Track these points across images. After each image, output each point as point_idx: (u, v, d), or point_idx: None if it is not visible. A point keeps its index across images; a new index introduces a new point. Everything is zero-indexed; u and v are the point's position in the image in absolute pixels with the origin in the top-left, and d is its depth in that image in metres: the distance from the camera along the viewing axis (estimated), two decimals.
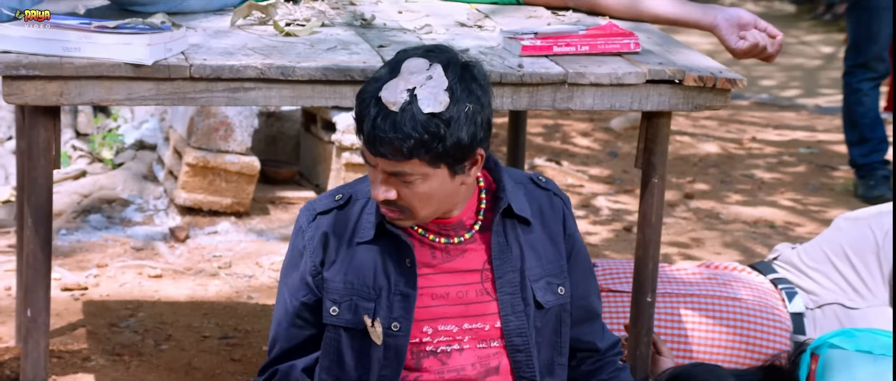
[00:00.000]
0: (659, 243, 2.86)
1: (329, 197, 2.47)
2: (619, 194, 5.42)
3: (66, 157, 5.08)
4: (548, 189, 2.52)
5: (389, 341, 2.39)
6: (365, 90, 2.29)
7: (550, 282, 2.47)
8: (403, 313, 2.39)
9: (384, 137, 2.24)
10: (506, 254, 2.43)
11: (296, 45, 2.69)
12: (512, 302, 2.43)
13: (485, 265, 2.43)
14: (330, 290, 2.41)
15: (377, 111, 2.24)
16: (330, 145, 4.92)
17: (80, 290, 4.04)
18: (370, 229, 2.40)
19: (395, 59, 2.32)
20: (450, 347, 2.43)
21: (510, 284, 2.43)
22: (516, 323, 2.43)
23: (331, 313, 2.41)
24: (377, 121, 2.24)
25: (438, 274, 2.41)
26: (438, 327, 2.42)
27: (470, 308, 2.43)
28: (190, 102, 2.55)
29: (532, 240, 2.46)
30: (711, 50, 8.20)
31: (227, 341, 3.75)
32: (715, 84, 2.70)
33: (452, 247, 2.41)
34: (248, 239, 4.57)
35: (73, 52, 2.47)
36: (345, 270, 2.41)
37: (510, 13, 3.10)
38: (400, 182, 2.29)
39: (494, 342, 2.45)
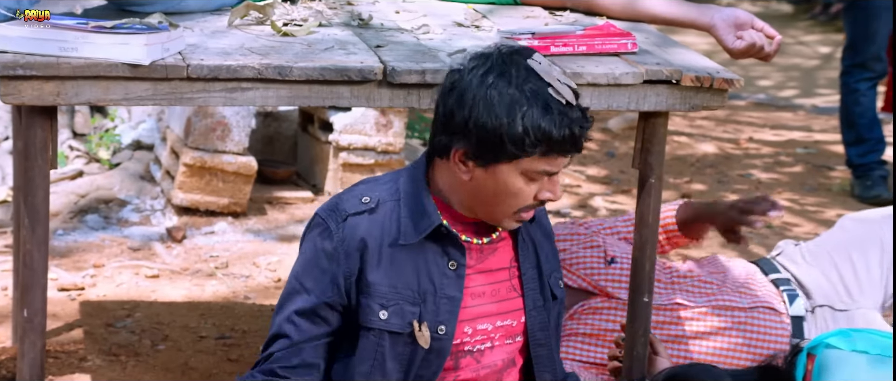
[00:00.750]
0: (656, 243, 2.86)
1: (354, 199, 2.44)
2: (617, 194, 5.42)
3: (63, 157, 5.08)
4: None
5: (434, 344, 2.41)
6: (524, 112, 2.29)
7: (556, 275, 2.56)
8: (449, 316, 2.41)
9: (587, 125, 2.36)
10: (526, 250, 2.50)
11: (293, 45, 2.69)
12: (534, 297, 2.50)
13: (512, 263, 2.49)
14: (376, 294, 2.39)
15: (570, 113, 2.32)
16: (327, 146, 4.92)
17: (77, 290, 4.04)
18: (416, 233, 2.40)
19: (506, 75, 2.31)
20: (483, 345, 2.47)
21: (533, 280, 2.50)
22: (539, 318, 2.50)
23: (380, 318, 2.40)
24: (578, 118, 2.33)
25: (476, 274, 2.45)
26: (477, 326, 2.46)
27: (502, 306, 2.48)
28: (187, 102, 2.55)
29: (537, 236, 2.54)
30: (709, 50, 8.21)
31: (224, 341, 3.75)
32: (712, 84, 2.70)
33: (486, 246, 2.46)
34: (245, 239, 4.57)
35: (71, 52, 2.47)
36: (388, 274, 2.40)
37: (507, 13, 3.10)
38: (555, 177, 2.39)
39: (518, 337, 2.50)
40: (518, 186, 2.34)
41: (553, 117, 2.30)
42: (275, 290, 4.14)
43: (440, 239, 2.42)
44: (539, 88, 2.30)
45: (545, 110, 2.30)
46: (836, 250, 3.37)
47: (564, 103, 2.31)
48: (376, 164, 4.88)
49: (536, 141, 2.30)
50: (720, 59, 3.82)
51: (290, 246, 4.48)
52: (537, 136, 2.29)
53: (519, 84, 2.31)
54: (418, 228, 2.40)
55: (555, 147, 2.31)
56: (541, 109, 2.30)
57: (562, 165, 2.36)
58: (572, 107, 2.32)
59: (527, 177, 2.34)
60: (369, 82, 2.59)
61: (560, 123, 2.30)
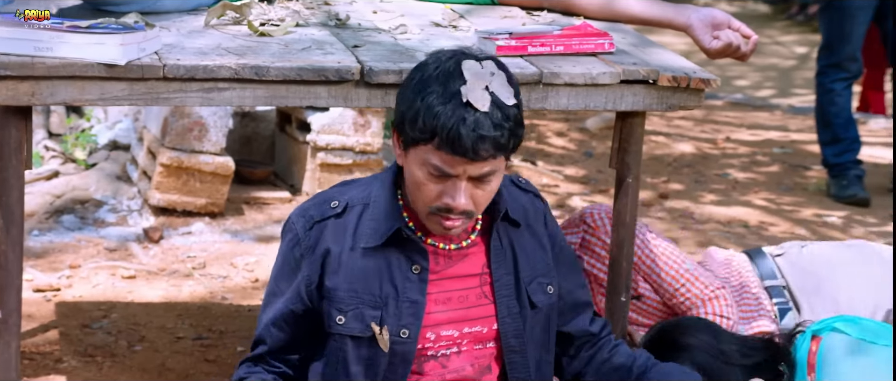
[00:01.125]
0: (633, 243, 2.87)
1: (324, 204, 2.44)
2: (594, 194, 5.43)
3: (38, 157, 5.06)
4: (528, 191, 2.55)
5: (397, 347, 2.40)
6: (433, 104, 2.25)
7: (541, 282, 2.49)
8: (412, 320, 2.40)
9: (488, 136, 2.25)
10: (501, 257, 2.46)
11: (270, 45, 2.69)
12: (508, 304, 2.46)
13: (484, 269, 2.45)
14: (334, 299, 2.40)
15: (473, 116, 2.25)
16: (305, 146, 4.91)
17: (53, 291, 4.02)
18: (377, 236, 2.39)
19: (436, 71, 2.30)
20: (449, 350, 2.44)
21: (506, 287, 2.46)
22: (513, 326, 2.46)
23: (337, 323, 2.40)
24: (478, 125, 2.24)
25: (442, 280, 2.43)
26: (441, 332, 2.43)
27: (470, 312, 2.45)
28: (163, 102, 2.54)
29: (522, 241, 2.49)
30: (686, 50, 8.23)
31: (201, 342, 3.74)
32: (689, 84, 2.70)
33: (455, 252, 2.43)
34: (222, 240, 4.56)
35: (46, 51, 2.46)
36: (349, 278, 2.39)
37: (485, 13, 3.10)
38: (476, 185, 2.31)
39: (490, 343, 2.47)
40: (420, 177, 2.31)
41: (448, 110, 2.25)
42: (252, 290, 4.13)
43: (404, 243, 2.40)
44: (460, 84, 2.27)
45: (445, 102, 2.25)
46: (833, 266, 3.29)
47: (466, 103, 2.24)
48: (354, 164, 4.87)
49: (425, 127, 2.26)
50: (697, 59, 3.83)
51: (268, 246, 4.47)
52: (427, 121, 2.25)
53: (446, 76, 2.28)
54: (380, 231, 2.39)
55: (445, 143, 2.25)
56: (443, 99, 2.26)
57: (460, 170, 2.27)
58: (481, 113, 2.24)
59: (427, 170, 2.30)
60: (347, 82, 2.58)
61: (452, 117, 2.24)
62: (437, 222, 2.34)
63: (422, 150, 2.29)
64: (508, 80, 2.31)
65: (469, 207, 2.32)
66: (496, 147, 2.26)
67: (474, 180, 2.30)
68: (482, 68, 2.29)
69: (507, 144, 2.28)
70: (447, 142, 2.25)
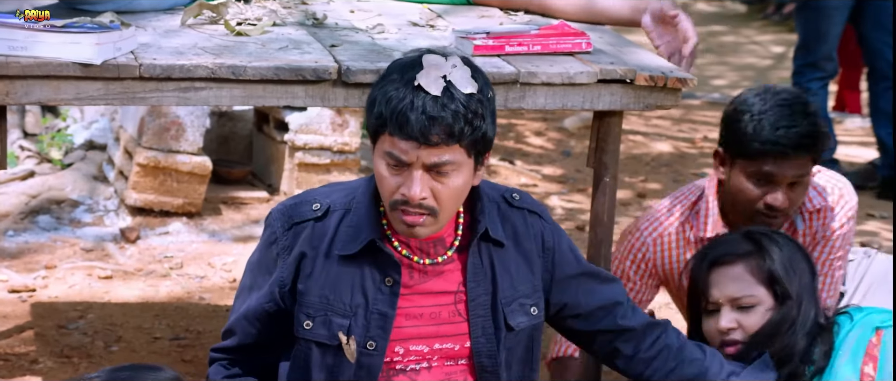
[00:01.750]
0: (611, 241, 2.87)
1: (306, 205, 2.41)
2: (573, 193, 5.44)
3: (13, 157, 5.03)
4: (521, 208, 2.48)
5: (363, 359, 2.36)
6: (389, 90, 2.25)
7: (523, 304, 2.44)
8: (380, 333, 2.36)
9: (438, 117, 2.21)
10: (479, 277, 2.41)
11: (247, 44, 2.68)
12: (483, 325, 2.41)
13: (459, 287, 2.40)
14: (304, 303, 2.37)
15: (422, 98, 2.22)
16: (282, 145, 4.90)
17: (28, 292, 4.00)
18: (353, 244, 2.35)
19: (398, 64, 2.30)
20: (419, 365, 2.41)
21: (483, 307, 2.41)
22: (487, 346, 2.41)
23: (304, 327, 2.37)
24: (426, 106, 2.22)
25: (414, 295, 2.39)
26: (410, 347, 2.39)
27: (441, 329, 2.40)
28: (140, 101, 2.53)
29: (505, 261, 2.43)
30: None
31: (178, 342, 3.72)
32: (666, 83, 2.71)
33: (430, 267, 2.38)
34: (199, 240, 4.55)
35: (20, 51, 2.45)
36: (321, 284, 2.36)
37: (463, 13, 3.10)
38: (434, 177, 2.26)
39: (462, 361, 2.43)
40: (382, 171, 2.28)
41: (400, 94, 2.23)
42: (230, 290, 4.11)
43: (379, 254, 2.36)
44: (417, 72, 2.26)
45: (399, 87, 2.24)
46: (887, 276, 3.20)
47: (417, 87, 2.23)
48: (332, 163, 4.86)
49: (381, 113, 2.25)
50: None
51: (246, 246, 4.46)
52: (381, 107, 2.25)
53: (406, 67, 2.28)
54: (356, 240, 2.36)
55: (395, 126, 2.23)
56: (397, 85, 2.25)
57: (414, 157, 2.24)
58: (430, 96, 2.22)
59: (385, 161, 2.27)
60: (324, 82, 2.58)
61: (403, 101, 2.22)
62: (400, 220, 2.30)
63: (381, 141, 2.28)
64: (473, 74, 2.28)
65: (427, 199, 2.27)
66: (448, 132, 2.23)
67: (432, 173, 2.26)
68: (444, 61, 2.27)
69: (461, 131, 2.23)
70: (397, 125, 2.23)
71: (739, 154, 2.94)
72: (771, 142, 2.89)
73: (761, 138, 2.89)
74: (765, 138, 2.89)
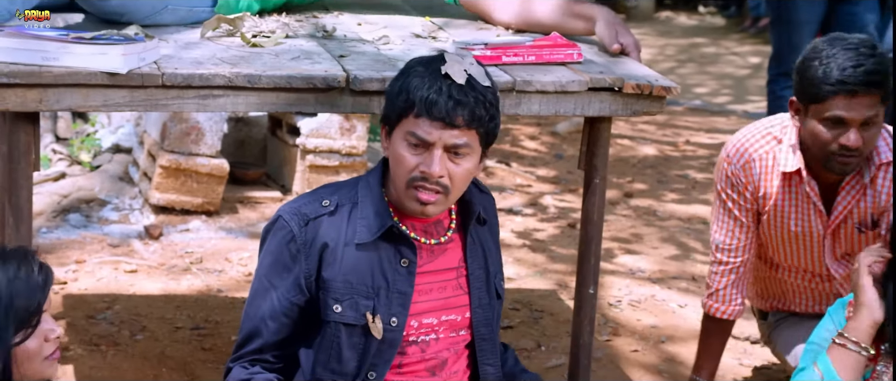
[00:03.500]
0: (600, 239, 2.87)
1: (315, 203, 2.45)
2: (564, 193, 5.43)
3: (46, 160, 5.03)
4: (485, 192, 2.60)
5: (387, 334, 2.42)
6: (414, 80, 2.33)
7: (498, 276, 2.57)
8: (401, 310, 2.43)
9: (463, 101, 2.31)
10: (475, 253, 2.51)
11: (262, 55, 2.68)
12: (479, 296, 2.51)
13: (460, 263, 2.49)
14: (331, 290, 2.41)
15: (448, 85, 2.32)
16: (295, 149, 4.90)
17: (60, 284, 4.00)
18: (370, 233, 2.41)
19: (419, 59, 2.39)
20: (428, 336, 2.48)
21: (479, 280, 2.51)
22: (483, 314, 2.51)
23: (334, 311, 2.41)
24: (453, 92, 2.32)
25: (425, 273, 2.46)
26: (422, 320, 2.46)
27: (447, 302, 2.48)
28: (162, 108, 2.53)
29: (486, 239, 2.55)
30: (649, 60, 8.24)
31: (198, 331, 3.72)
32: (651, 91, 2.71)
33: (436, 247, 2.46)
34: (217, 236, 4.54)
35: (52, 61, 2.44)
36: (344, 270, 2.41)
37: (462, 25, 3.10)
38: (451, 158, 2.35)
39: (462, 331, 2.51)
40: (402, 151, 2.35)
41: (427, 82, 2.32)
42: (246, 283, 4.11)
43: (394, 239, 2.43)
44: (440, 64, 2.35)
45: (425, 77, 2.33)
46: None
47: (443, 75, 2.32)
48: (341, 165, 4.86)
49: (408, 99, 2.33)
50: (659, 68, 3.83)
51: None
52: (409, 94, 2.33)
53: (429, 62, 2.38)
54: (372, 228, 2.41)
55: (423, 109, 2.31)
56: (423, 75, 2.34)
57: (436, 137, 2.32)
58: (456, 84, 2.32)
59: (407, 142, 2.34)
60: (333, 90, 2.57)
61: (432, 88, 2.31)
62: (414, 197, 2.36)
63: (403, 124, 2.35)
64: (486, 74, 2.39)
65: (444, 178, 2.35)
66: (470, 116, 2.32)
67: (450, 154, 2.34)
68: (462, 58, 2.38)
69: (480, 117, 2.33)
70: (425, 108, 2.31)
71: (811, 100, 2.86)
72: (839, 82, 2.80)
73: (830, 80, 2.81)
74: (833, 79, 2.80)
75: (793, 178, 3.01)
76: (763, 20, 9.95)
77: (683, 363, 3.69)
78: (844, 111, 2.83)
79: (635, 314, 4.04)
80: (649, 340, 3.85)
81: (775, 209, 3.05)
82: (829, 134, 2.87)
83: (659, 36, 10.04)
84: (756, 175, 3.04)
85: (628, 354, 3.78)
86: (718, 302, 3.14)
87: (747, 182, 3.06)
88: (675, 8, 11.63)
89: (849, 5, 5.43)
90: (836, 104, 2.83)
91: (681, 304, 4.14)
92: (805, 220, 3.05)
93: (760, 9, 10.02)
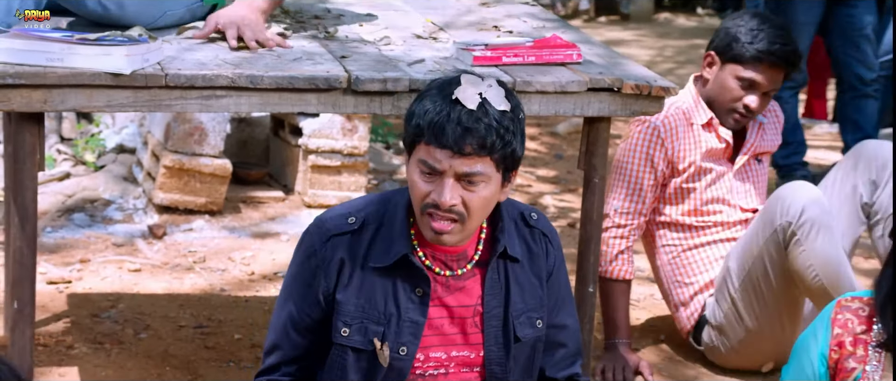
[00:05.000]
0: (600, 238, 2.87)
1: (341, 219, 2.36)
2: (564, 193, 5.43)
3: (51, 160, 5.03)
4: (537, 228, 2.43)
5: (395, 363, 2.33)
6: (427, 104, 2.23)
7: (531, 316, 2.40)
8: (411, 339, 2.32)
9: (472, 129, 2.19)
10: (495, 291, 2.37)
11: (264, 56, 2.68)
12: (495, 335, 2.37)
13: (478, 301, 2.37)
14: (342, 312, 2.33)
15: (459, 111, 2.20)
16: (297, 149, 4.90)
17: (65, 283, 4.00)
18: (387, 257, 2.31)
19: (438, 82, 2.28)
20: (437, 371, 2.38)
21: (496, 318, 2.37)
22: (497, 354, 2.38)
23: (342, 334, 2.33)
24: (462, 118, 2.19)
25: (439, 306, 2.35)
26: (430, 354, 2.36)
27: (460, 338, 2.37)
28: (165, 108, 2.53)
29: (519, 275, 2.39)
30: (648, 61, 8.23)
31: (201, 330, 3.72)
32: (650, 92, 2.71)
33: (452, 280, 2.34)
34: (220, 236, 4.54)
35: (56, 62, 2.45)
36: (357, 294, 2.33)
37: (463, 26, 3.10)
38: (465, 186, 2.23)
39: (476, 368, 2.40)
40: (415, 178, 2.25)
41: (438, 107, 2.21)
42: (249, 282, 4.11)
43: (409, 267, 2.32)
44: (455, 88, 2.24)
45: (437, 101, 2.23)
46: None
47: (454, 101, 2.21)
48: (343, 165, 4.86)
49: (419, 124, 2.23)
50: (658, 69, 3.84)
51: (263, 242, 4.46)
52: (419, 119, 2.23)
53: (445, 84, 2.26)
54: (389, 254, 2.32)
55: (432, 136, 2.21)
56: (436, 99, 2.23)
57: (447, 165, 2.21)
58: (466, 109, 2.20)
59: (419, 169, 2.24)
60: (335, 90, 2.58)
61: (441, 113, 2.20)
62: (429, 226, 2.26)
63: (417, 151, 2.25)
64: (506, 95, 2.26)
65: (457, 206, 2.23)
66: (480, 144, 2.20)
67: (463, 182, 2.23)
68: (481, 80, 2.26)
69: (492, 143, 2.20)
70: (433, 134, 2.21)
71: (734, 59, 3.34)
72: (769, 53, 3.31)
73: (761, 48, 3.31)
74: (763, 49, 3.31)
75: (704, 129, 3.41)
76: None
77: (682, 362, 3.69)
78: (761, 77, 3.33)
79: (634, 313, 4.04)
80: (648, 338, 3.85)
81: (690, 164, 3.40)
82: (740, 92, 3.35)
83: (658, 37, 10.04)
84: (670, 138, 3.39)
85: None
86: (622, 264, 3.41)
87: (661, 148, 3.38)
88: (673, 10, 11.63)
89: (847, 7, 5.43)
90: (757, 70, 3.33)
91: None
92: (716, 164, 3.43)
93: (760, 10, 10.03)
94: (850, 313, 2.38)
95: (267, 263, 4.27)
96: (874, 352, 2.37)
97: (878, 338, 2.34)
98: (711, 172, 3.42)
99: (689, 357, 3.66)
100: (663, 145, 3.36)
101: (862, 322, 2.36)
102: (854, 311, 2.38)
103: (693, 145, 3.40)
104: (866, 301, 2.39)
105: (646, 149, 3.38)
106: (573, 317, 2.49)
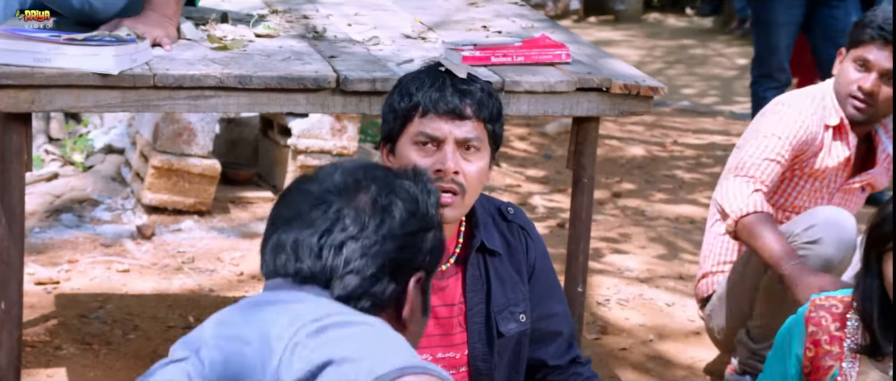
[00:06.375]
0: (589, 238, 2.87)
1: None
2: (553, 193, 5.43)
3: (39, 160, 5.01)
4: (514, 222, 2.46)
5: None
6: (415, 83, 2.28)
7: (513, 311, 2.40)
8: None
9: (469, 91, 2.26)
10: (477, 287, 2.38)
11: (252, 56, 2.67)
12: (479, 332, 2.38)
13: (460, 299, 2.37)
14: None
15: (451, 80, 2.28)
16: (286, 149, 4.89)
17: (53, 284, 3.99)
18: None
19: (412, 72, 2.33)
20: None
21: (479, 315, 2.38)
22: (482, 351, 2.38)
23: None
24: (457, 84, 2.27)
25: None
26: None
27: (445, 339, 2.37)
28: (154, 108, 2.53)
29: (499, 270, 2.40)
30: (637, 61, 8.25)
31: (189, 330, 3.71)
32: (639, 92, 2.71)
33: (434, 280, 2.29)
34: (209, 236, 4.53)
35: (44, 62, 2.44)
36: None
37: (452, 26, 3.10)
38: (463, 154, 2.27)
39: (462, 368, 2.40)
40: (411, 155, 2.26)
41: (429, 80, 2.27)
42: (237, 283, 4.11)
43: None
44: (439, 66, 2.29)
45: (422, 78, 2.28)
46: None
47: (444, 71, 2.27)
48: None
49: (411, 99, 2.26)
50: (647, 69, 3.84)
51: (252, 243, 4.45)
52: (412, 94, 2.26)
53: (426, 67, 2.32)
54: None
55: (430, 105, 2.24)
56: (419, 78, 2.28)
57: (446, 131, 2.25)
58: (459, 79, 2.27)
59: (417, 145, 2.26)
60: (324, 90, 2.57)
61: (435, 84, 2.26)
62: None
63: (409, 128, 2.26)
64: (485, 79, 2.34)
65: (460, 175, 2.25)
66: (479, 106, 2.26)
67: (462, 150, 2.26)
68: (461, 61, 2.33)
69: (489, 108, 2.27)
70: (432, 103, 2.25)
71: (852, 44, 3.26)
72: (880, 28, 3.21)
73: (873, 25, 3.22)
74: (875, 25, 3.21)
75: (834, 135, 3.30)
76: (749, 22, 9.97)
77: (672, 361, 3.69)
78: (873, 56, 3.19)
79: (624, 313, 4.04)
80: (637, 338, 3.86)
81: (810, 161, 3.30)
82: (856, 75, 3.23)
83: (647, 37, 10.05)
84: (818, 138, 3.29)
85: (617, 352, 3.78)
86: (759, 199, 3.14)
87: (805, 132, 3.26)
88: (663, 10, 11.65)
89: (829, 8, 5.44)
90: (869, 49, 3.21)
91: (668, 303, 4.15)
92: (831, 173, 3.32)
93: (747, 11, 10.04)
94: (824, 311, 2.41)
95: (256, 263, 4.27)
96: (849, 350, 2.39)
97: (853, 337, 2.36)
98: (821, 179, 3.33)
99: (679, 358, 3.67)
100: (808, 131, 3.26)
101: (836, 319, 2.39)
102: (828, 309, 2.41)
103: (824, 148, 3.30)
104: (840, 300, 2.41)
105: (799, 127, 3.25)
106: (563, 303, 2.50)
